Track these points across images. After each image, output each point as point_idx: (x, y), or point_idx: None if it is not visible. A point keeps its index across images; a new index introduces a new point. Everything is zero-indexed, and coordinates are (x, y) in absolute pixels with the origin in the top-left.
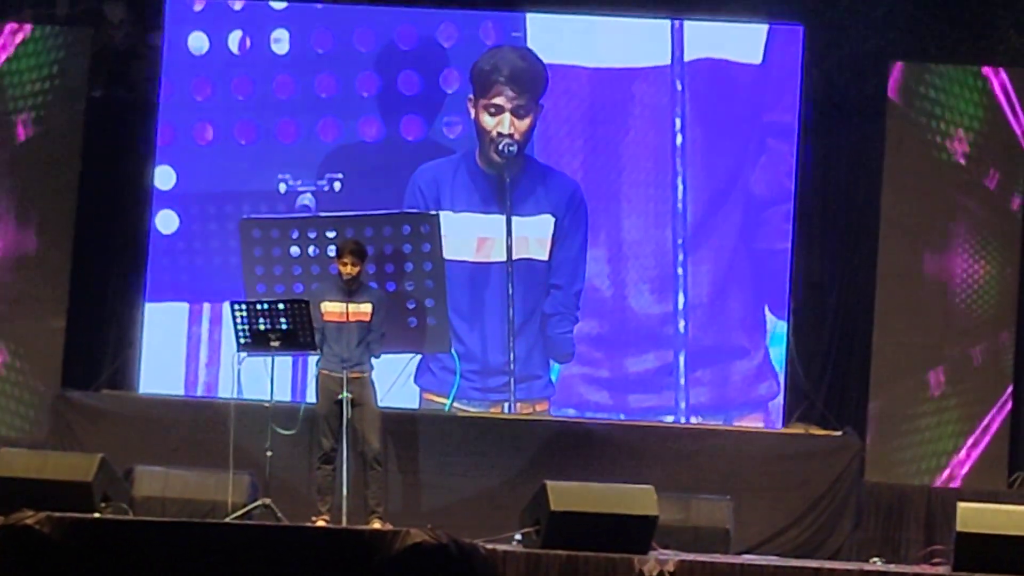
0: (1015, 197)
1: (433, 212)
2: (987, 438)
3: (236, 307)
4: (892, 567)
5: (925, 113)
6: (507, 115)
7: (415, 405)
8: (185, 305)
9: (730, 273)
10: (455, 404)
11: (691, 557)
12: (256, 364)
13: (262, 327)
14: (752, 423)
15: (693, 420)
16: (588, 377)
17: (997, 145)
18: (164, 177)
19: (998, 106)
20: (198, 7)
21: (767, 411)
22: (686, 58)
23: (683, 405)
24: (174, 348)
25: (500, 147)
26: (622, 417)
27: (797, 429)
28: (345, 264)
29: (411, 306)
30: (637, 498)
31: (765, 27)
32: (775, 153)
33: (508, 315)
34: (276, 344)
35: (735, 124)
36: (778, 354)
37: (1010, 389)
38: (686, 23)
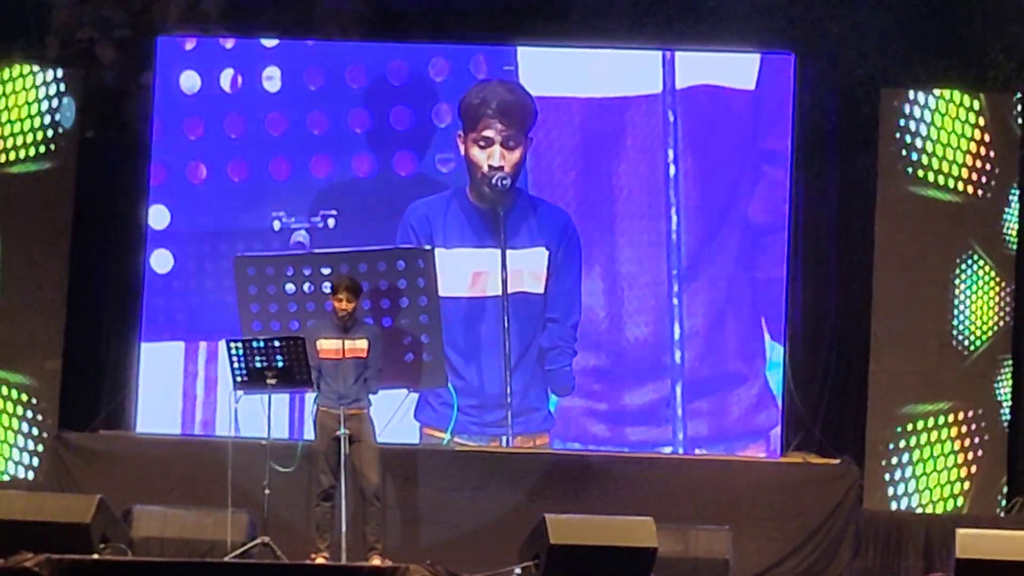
0: (1009, 222)
1: (427, 247)
2: (985, 464)
3: (232, 345)
4: None
5: (917, 139)
6: (497, 147)
7: (415, 440)
8: (181, 344)
9: (728, 302)
10: (454, 438)
11: None
12: (253, 402)
13: (258, 365)
14: (755, 453)
15: (697, 452)
16: (587, 410)
17: (989, 170)
18: (158, 216)
19: (990, 131)
20: (189, 46)
21: (768, 440)
22: (680, 85)
23: (681, 436)
24: (171, 387)
25: (493, 181)
26: (625, 450)
27: (795, 458)
28: (340, 300)
29: (407, 341)
30: (636, 530)
31: (757, 56)
32: (772, 180)
33: (504, 349)
34: (273, 382)
35: (730, 151)
36: (776, 382)
37: (1007, 415)
38: (677, 54)
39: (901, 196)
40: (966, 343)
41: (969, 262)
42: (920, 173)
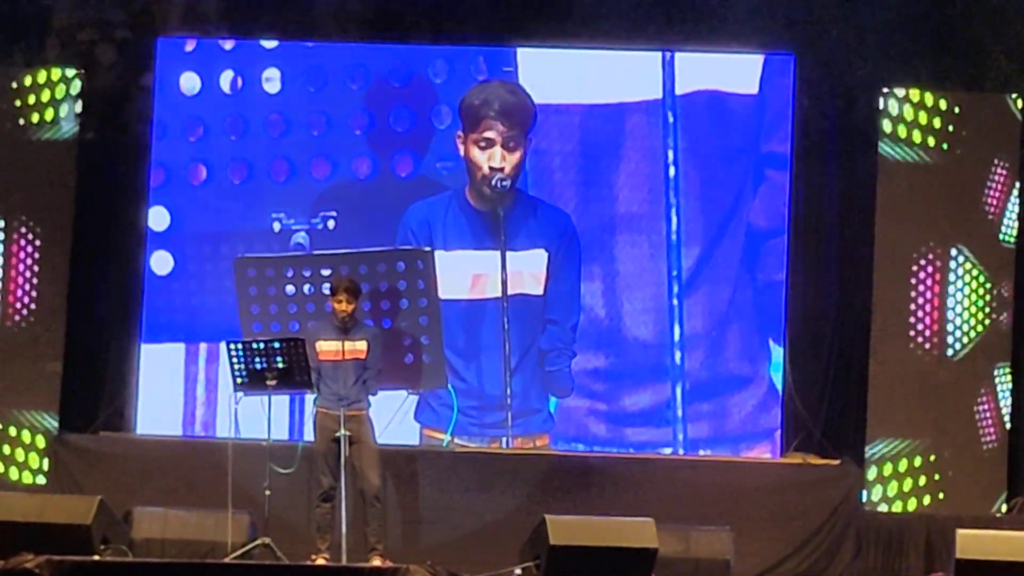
0: (1008, 222)
1: (427, 248)
2: (984, 464)
3: (232, 347)
4: None
5: (917, 140)
6: (498, 148)
7: (415, 441)
8: (181, 345)
9: (732, 305)
10: (454, 440)
11: None
12: (253, 403)
13: (258, 366)
14: (760, 453)
15: (701, 452)
16: (588, 410)
17: (988, 170)
18: (158, 218)
19: (989, 130)
20: (189, 48)
21: (772, 441)
22: (681, 90)
23: (681, 437)
24: (171, 389)
25: (493, 182)
26: (630, 450)
27: (795, 459)
28: (340, 302)
29: (407, 343)
30: (636, 531)
31: (761, 57)
32: (774, 184)
33: (504, 351)
34: (273, 383)
35: (733, 155)
36: (779, 384)
37: (1007, 415)
38: (677, 55)
39: (901, 195)
40: (961, 338)
41: (961, 262)
42: (920, 172)
